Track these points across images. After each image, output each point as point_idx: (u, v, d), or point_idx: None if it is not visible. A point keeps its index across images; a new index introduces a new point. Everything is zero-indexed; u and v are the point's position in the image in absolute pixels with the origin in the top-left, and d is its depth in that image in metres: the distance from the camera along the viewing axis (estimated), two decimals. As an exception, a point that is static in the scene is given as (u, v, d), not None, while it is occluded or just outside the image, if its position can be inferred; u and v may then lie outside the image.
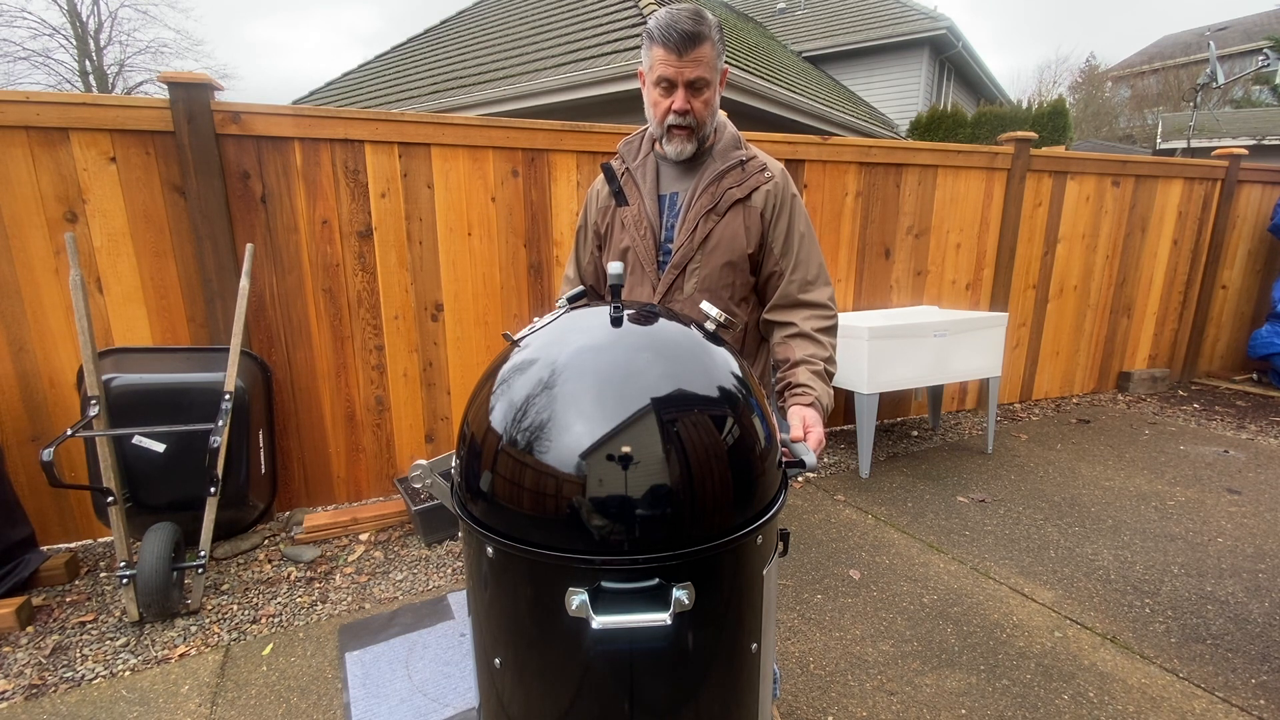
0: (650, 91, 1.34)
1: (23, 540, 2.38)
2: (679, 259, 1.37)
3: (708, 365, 0.92)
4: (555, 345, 0.91)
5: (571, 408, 0.83)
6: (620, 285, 0.95)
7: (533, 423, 0.83)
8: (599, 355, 0.89)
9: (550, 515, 0.81)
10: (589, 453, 0.79)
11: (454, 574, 2.54)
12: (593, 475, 0.79)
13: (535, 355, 0.91)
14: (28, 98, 2.37)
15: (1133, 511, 3.12)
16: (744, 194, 1.38)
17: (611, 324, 0.92)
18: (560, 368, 0.86)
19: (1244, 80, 17.17)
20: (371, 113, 2.85)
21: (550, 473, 0.80)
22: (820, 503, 3.21)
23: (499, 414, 0.87)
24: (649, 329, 0.96)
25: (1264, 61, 10.49)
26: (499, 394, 0.89)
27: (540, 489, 0.81)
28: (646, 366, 0.87)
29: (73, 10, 18.33)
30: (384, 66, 10.82)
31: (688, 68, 1.26)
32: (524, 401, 0.85)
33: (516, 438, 0.83)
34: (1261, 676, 1.97)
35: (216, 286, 2.68)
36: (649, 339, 0.94)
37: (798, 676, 1.97)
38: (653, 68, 1.29)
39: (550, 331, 0.95)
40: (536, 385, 0.86)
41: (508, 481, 0.85)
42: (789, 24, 15.02)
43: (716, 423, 0.86)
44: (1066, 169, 4.50)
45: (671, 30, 1.23)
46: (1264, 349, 5.24)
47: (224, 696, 1.87)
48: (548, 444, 0.81)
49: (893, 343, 3.38)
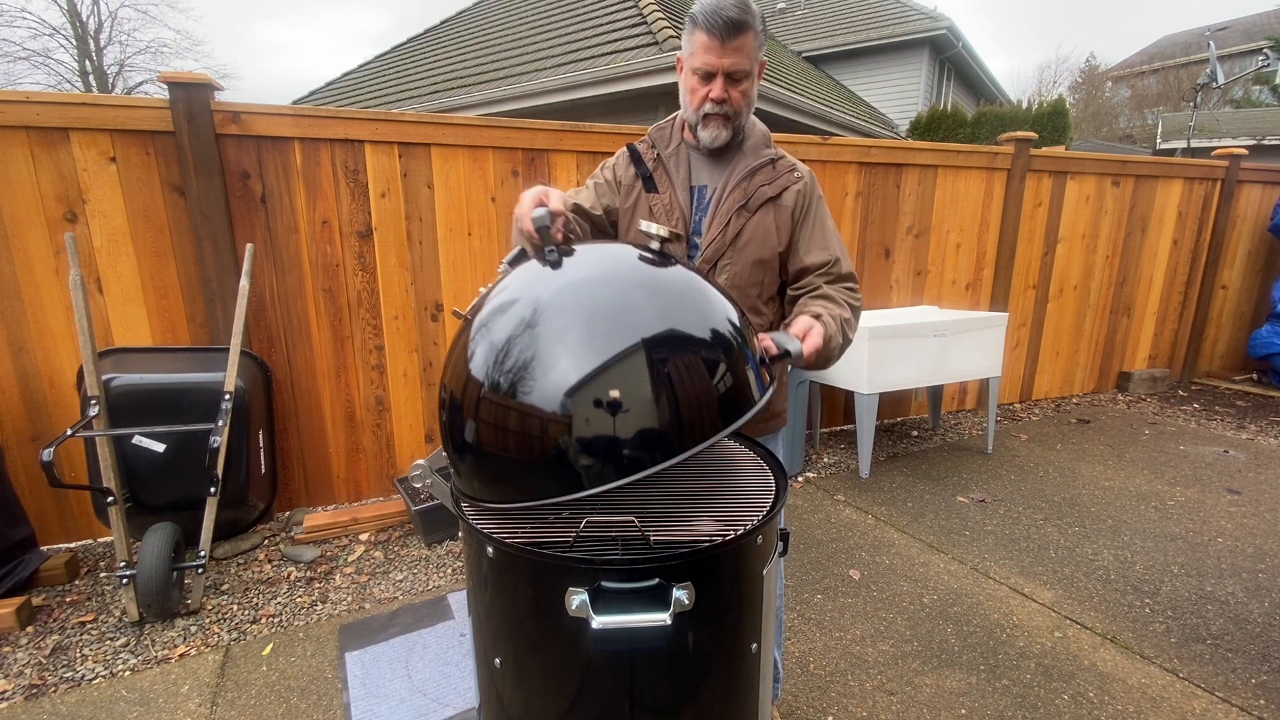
0: (688, 78, 1.32)
1: (23, 540, 2.38)
2: (710, 254, 1.36)
3: (660, 280, 0.93)
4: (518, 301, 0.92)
5: (549, 347, 0.83)
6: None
7: (515, 364, 0.83)
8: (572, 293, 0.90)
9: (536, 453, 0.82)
10: (575, 388, 0.80)
11: (454, 574, 2.54)
12: (576, 399, 0.80)
13: (499, 310, 0.91)
14: (28, 98, 2.37)
15: (1133, 511, 3.12)
16: (775, 192, 1.38)
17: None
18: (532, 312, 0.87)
19: (1244, 80, 17.17)
20: (371, 113, 2.85)
21: (526, 409, 0.81)
22: (820, 503, 3.21)
23: (479, 362, 0.86)
24: (605, 263, 0.97)
25: (1264, 61, 10.49)
26: (477, 341, 0.89)
27: (524, 428, 0.82)
28: (591, 293, 0.89)
29: (73, 10, 18.33)
30: (384, 66, 10.82)
31: (729, 57, 1.25)
32: (506, 343, 0.86)
33: (499, 381, 0.83)
34: (1261, 676, 1.97)
35: (216, 286, 2.68)
36: (609, 272, 0.95)
37: (798, 676, 1.97)
38: (693, 54, 1.28)
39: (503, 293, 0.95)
40: (518, 326, 0.86)
41: (492, 427, 0.85)
42: (789, 24, 15.02)
43: (683, 342, 0.86)
44: (1066, 169, 4.50)
45: (716, 16, 1.21)
46: (1264, 349, 5.24)
47: (224, 696, 1.87)
48: (531, 384, 0.82)
49: (893, 343, 3.38)
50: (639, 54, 6.06)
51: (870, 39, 13.11)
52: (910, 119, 11.73)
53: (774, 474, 1.08)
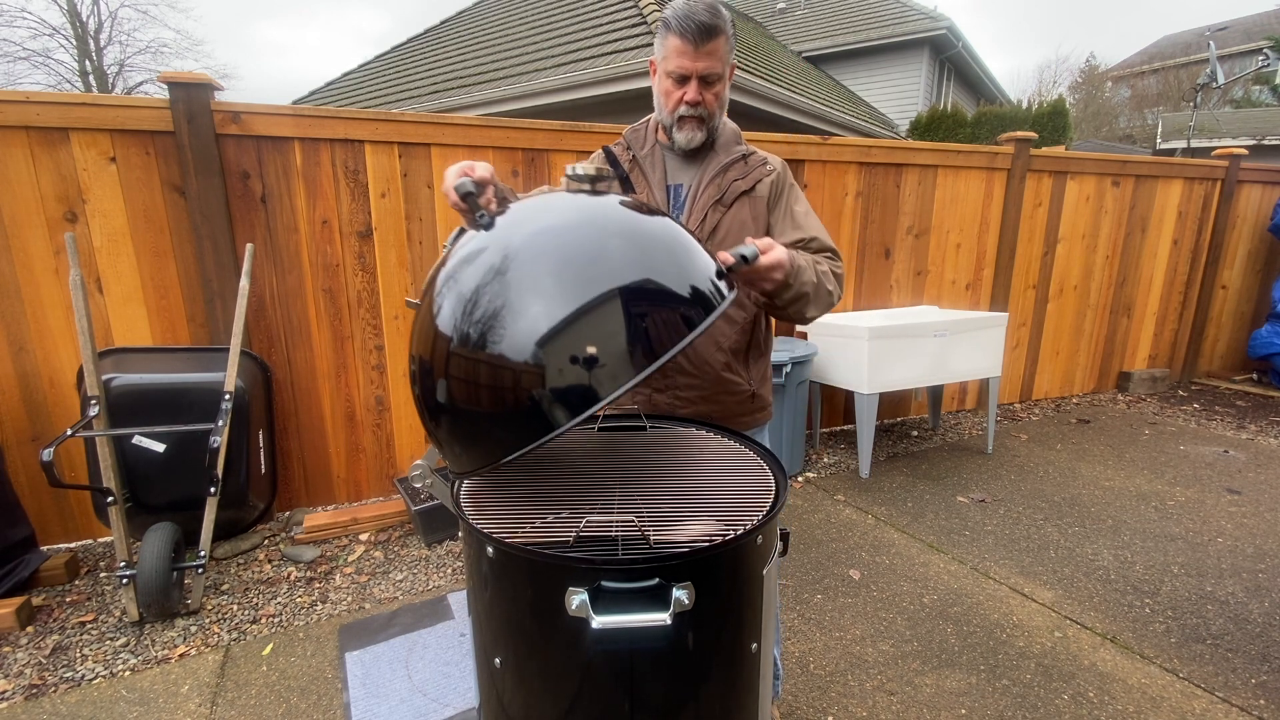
0: (662, 81, 1.35)
1: (23, 540, 2.38)
2: None
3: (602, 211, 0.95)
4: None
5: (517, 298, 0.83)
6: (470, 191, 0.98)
7: (485, 313, 0.84)
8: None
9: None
10: (541, 319, 0.80)
11: (454, 574, 2.54)
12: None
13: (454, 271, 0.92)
14: (28, 98, 2.38)
15: (1133, 511, 3.12)
16: (749, 185, 1.40)
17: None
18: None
19: (1244, 80, 17.17)
20: (371, 113, 2.86)
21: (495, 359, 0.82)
22: (820, 503, 3.21)
23: (446, 315, 0.87)
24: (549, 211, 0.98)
25: (1264, 61, 10.49)
26: (443, 296, 0.89)
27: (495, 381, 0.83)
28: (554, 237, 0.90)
29: (73, 10, 18.33)
30: (384, 66, 10.82)
31: (702, 60, 1.28)
32: (474, 292, 0.86)
33: (469, 332, 0.84)
34: (1261, 676, 1.97)
35: (216, 286, 2.69)
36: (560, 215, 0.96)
37: (798, 676, 1.97)
38: (667, 57, 1.31)
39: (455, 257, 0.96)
40: (488, 272, 0.87)
41: (463, 382, 0.85)
42: (789, 24, 15.02)
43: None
44: (1066, 169, 4.50)
45: (689, 21, 1.25)
46: (1264, 349, 5.24)
47: (224, 696, 1.87)
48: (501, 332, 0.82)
49: (893, 343, 3.38)
50: (639, 54, 6.06)
51: (870, 39, 13.11)
52: (910, 119, 11.74)
53: (774, 474, 1.08)
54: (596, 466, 1.14)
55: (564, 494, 1.04)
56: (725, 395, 1.45)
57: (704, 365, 1.41)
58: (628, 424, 1.32)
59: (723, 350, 1.42)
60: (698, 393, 1.43)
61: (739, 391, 1.46)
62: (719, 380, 1.43)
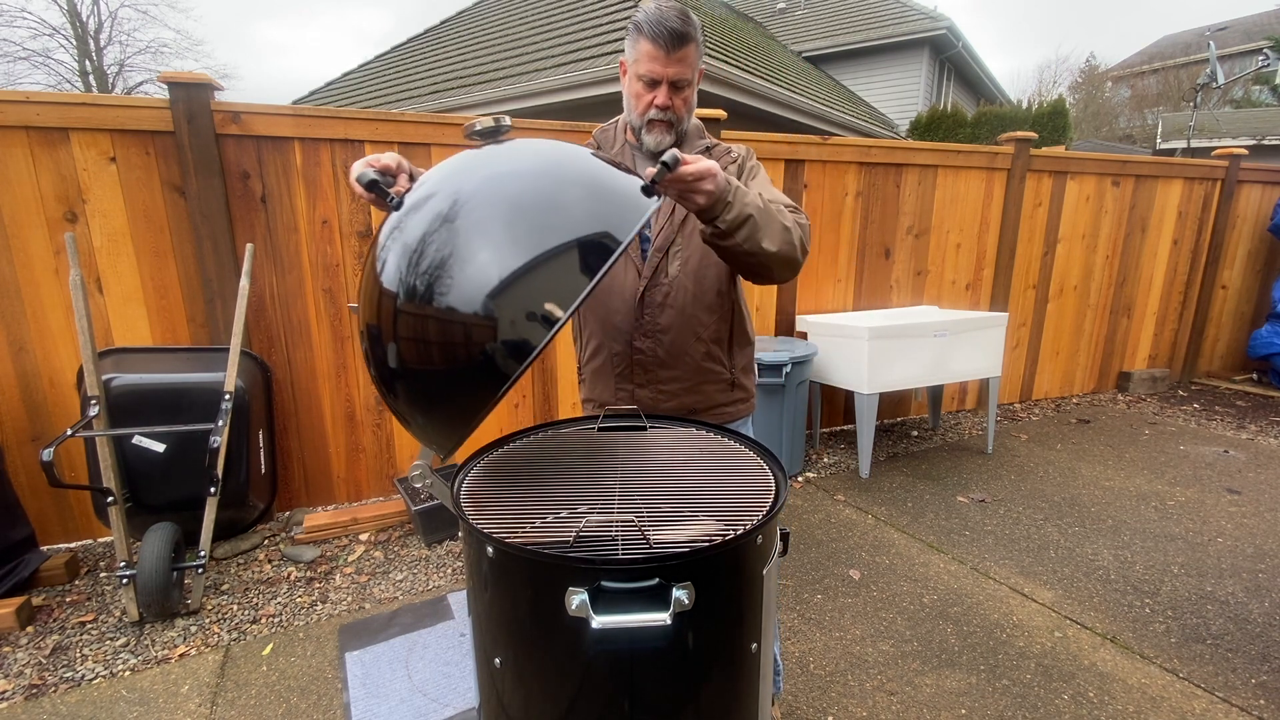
0: (632, 83, 1.37)
1: (23, 540, 2.38)
2: (661, 242, 1.40)
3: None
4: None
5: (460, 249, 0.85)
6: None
7: (429, 264, 0.85)
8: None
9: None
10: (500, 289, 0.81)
11: (454, 574, 2.54)
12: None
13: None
14: (28, 98, 2.38)
15: (1133, 511, 3.12)
16: None
17: None
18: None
19: (1244, 80, 17.17)
20: (371, 112, 2.86)
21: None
22: (820, 503, 3.21)
23: (390, 274, 0.88)
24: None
25: (1264, 61, 10.48)
26: (383, 258, 0.90)
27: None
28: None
29: (73, 10, 18.32)
30: (384, 66, 10.81)
31: (673, 66, 1.30)
32: (419, 243, 0.87)
33: (415, 285, 0.84)
34: (1261, 676, 1.97)
35: (216, 286, 2.69)
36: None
37: (798, 676, 1.97)
38: (638, 61, 1.32)
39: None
40: (430, 227, 0.88)
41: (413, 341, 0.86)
42: (789, 24, 15.01)
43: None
44: (1066, 169, 4.50)
45: (661, 27, 1.26)
46: (1264, 349, 5.24)
47: (224, 696, 1.87)
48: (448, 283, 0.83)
49: (893, 343, 3.38)
50: (639, 54, 6.05)
51: (870, 39, 13.11)
52: (910, 119, 11.74)
53: (774, 474, 1.08)
54: (596, 466, 1.14)
55: (564, 494, 1.04)
56: (706, 385, 1.47)
57: (683, 356, 1.43)
58: (627, 424, 1.32)
59: (702, 340, 1.44)
60: (680, 384, 1.45)
61: (720, 380, 1.48)
62: (699, 370, 1.45)
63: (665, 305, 1.40)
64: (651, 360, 1.43)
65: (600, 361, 1.50)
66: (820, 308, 3.99)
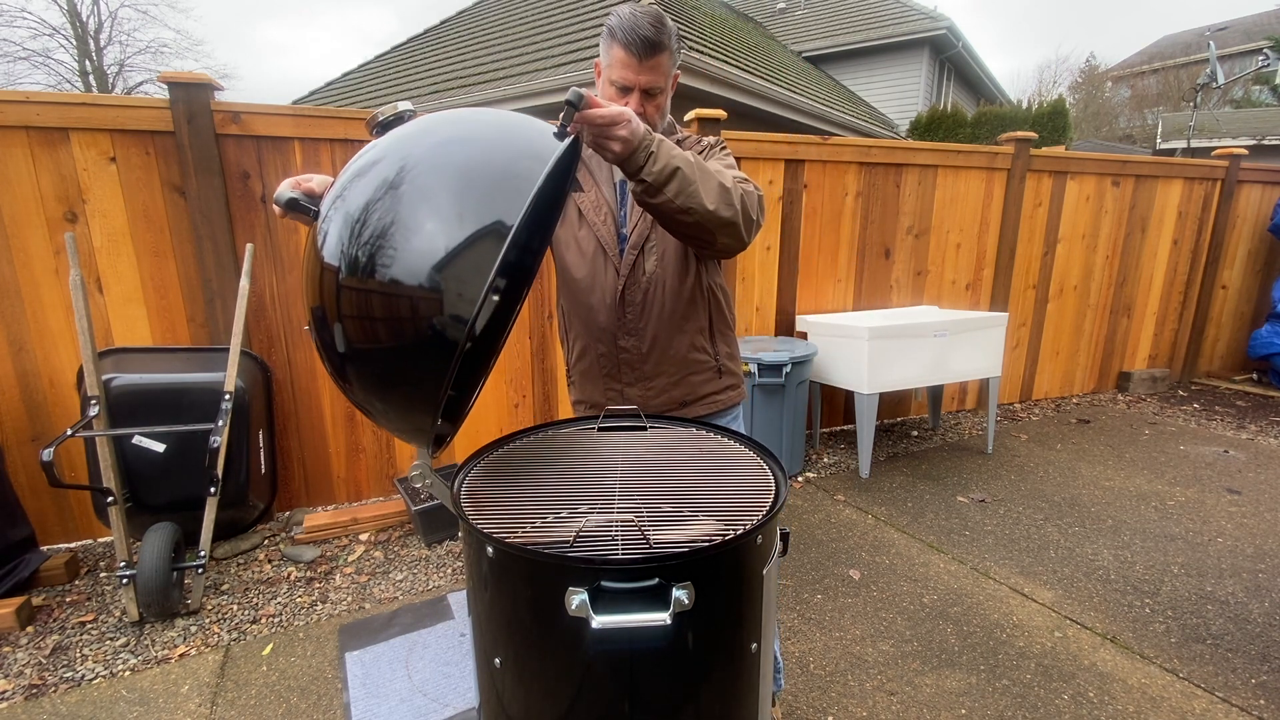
0: (605, 88, 1.37)
1: (23, 540, 2.38)
2: (636, 239, 1.41)
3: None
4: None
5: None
6: None
7: (374, 230, 0.83)
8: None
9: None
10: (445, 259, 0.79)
11: (454, 574, 2.54)
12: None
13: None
14: (28, 98, 2.38)
15: (1133, 511, 3.12)
16: None
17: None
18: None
19: (1244, 80, 17.17)
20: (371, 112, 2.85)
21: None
22: (820, 503, 3.21)
23: (331, 243, 0.86)
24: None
25: (1264, 61, 10.48)
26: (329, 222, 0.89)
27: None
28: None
29: (73, 10, 18.31)
30: (384, 66, 10.82)
31: (645, 74, 1.29)
32: (362, 210, 0.85)
33: (358, 255, 0.82)
34: (1261, 676, 1.97)
35: (216, 286, 2.69)
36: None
37: (798, 676, 1.97)
38: (611, 66, 1.32)
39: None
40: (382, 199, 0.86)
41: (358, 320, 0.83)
42: (789, 24, 15.01)
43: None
44: (1066, 169, 4.50)
45: (634, 35, 1.26)
46: (1264, 349, 5.24)
47: (224, 696, 1.87)
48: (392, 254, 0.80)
49: (893, 343, 3.38)
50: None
51: (870, 39, 13.11)
52: (910, 119, 11.74)
53: (774, 474, 1.08)
54: (596, 466, 1.14)
55: (564, 494, 1.04)
56: (693, 375, 1.48)
57: (669, 350, 1.44)
58: (627, 424, 1.32)
59: (685, 332, 1.45)
60: (667, 379, 1.47)
61: (706, 369, 1.49)
62: (686, 362, 1.47)
63: (646, 302, 1.41)
64: (637, 358, 1.44)
65: (588, 363, 1.51)
66: (820, 308, 3.99)
